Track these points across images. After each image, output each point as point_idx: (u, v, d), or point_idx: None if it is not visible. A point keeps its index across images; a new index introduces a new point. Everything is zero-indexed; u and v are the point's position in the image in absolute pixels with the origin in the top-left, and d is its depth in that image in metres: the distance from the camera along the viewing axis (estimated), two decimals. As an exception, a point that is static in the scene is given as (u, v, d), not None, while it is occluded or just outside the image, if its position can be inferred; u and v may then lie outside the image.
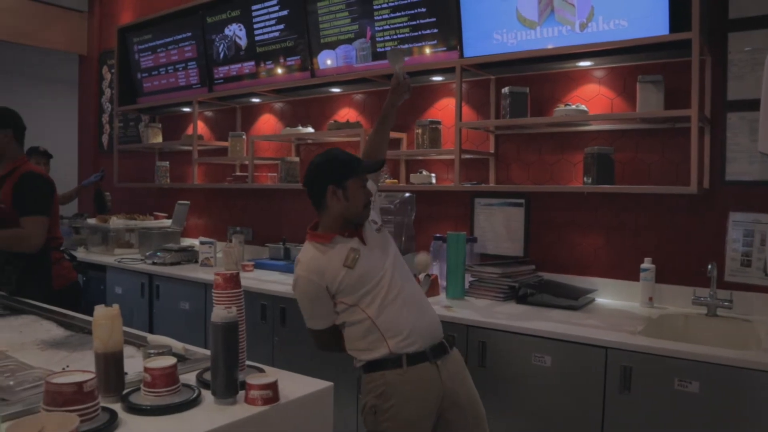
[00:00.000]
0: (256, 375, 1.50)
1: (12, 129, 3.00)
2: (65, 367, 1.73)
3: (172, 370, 1.42)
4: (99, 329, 1.46)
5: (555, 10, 2.92)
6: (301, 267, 2.13)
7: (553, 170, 3.23)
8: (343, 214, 2.15)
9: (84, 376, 1.29)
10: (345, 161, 2.17)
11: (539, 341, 2.42)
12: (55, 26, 5.98)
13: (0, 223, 2.90)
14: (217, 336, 1.41)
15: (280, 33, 3.99)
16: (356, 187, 2.14)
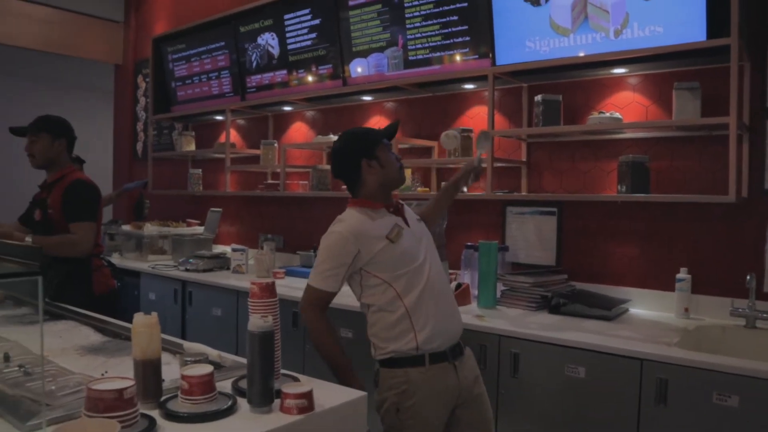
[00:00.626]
0: (291, 384, 1.51)
1: (66, 139, 3.14)
2: (104, 373, 1.77)
3: (209, 378, 1.44)
4: (138, 337, 1.49)
5: (589, 17, 2.90)
6: (342, 225, 2.12)
7: (587, 178, 3.19)
8: (383, 183, 2.18)
9: (124, 383, 1.31)
10: (365, 134, 2.24)
11: (573, 352, 2.39)
12: (92, 36, 6.12)
13: (48, 229, 3.00)
14: (253, 345, 1.42)
15: (312, 42, 4.03)
16: (385, 152, 2.19)
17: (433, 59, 3.46)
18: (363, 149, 2.18)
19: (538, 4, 3.02)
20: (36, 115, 3.17)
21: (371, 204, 2.18)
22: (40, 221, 3.02)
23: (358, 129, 2.33)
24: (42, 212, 3.02)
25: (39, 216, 3.03)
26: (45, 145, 3.07)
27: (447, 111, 3.72)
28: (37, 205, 3.07)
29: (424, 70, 3.50)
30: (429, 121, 3.81)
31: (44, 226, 3.01)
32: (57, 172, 3.10)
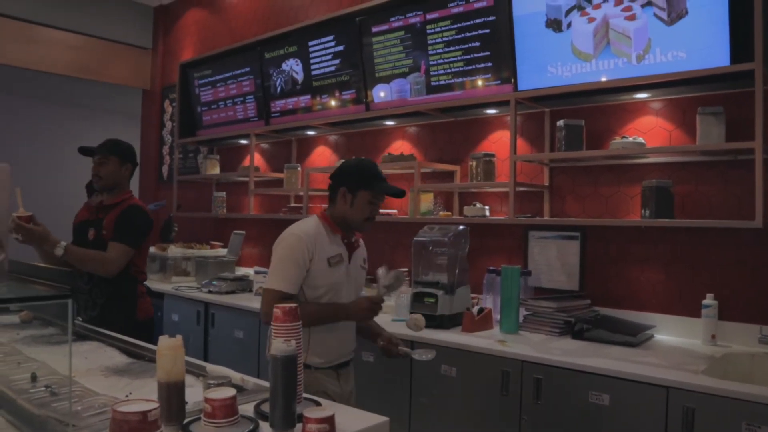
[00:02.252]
0: (313, 408, 1.51)
1: (131, 164, 3.19)
2: (128, 395, 1.78)
3: (231, 402, 1.45)
4: (162, 359, 1.50)
5: (611, 42, 2.91)
6: (301, 229, 2.31)
7: (609, 203, 3.18)
8: (345, 217, 2.36)
9: (148, 405, 1.32)
10: (367, 173, 2.36)
11: (597, 378, 2.36)
12: (121, 62, 6.27)
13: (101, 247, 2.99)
14: (276, 369, 1.43)
15: (336, 67, 4.09)
16: (364, 199, 2.33)
17: (455, 84, 3.49)
18: (350, 181, 2.34)
19: (560, 30, 3.04)
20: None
21: (332, 225, 2.37)
22: (93, 240, 3.01)
23: (369, 166, 2.43)
24: (96, 232, 3.03)
25: (93, 235, 3.03)
26: (113, 168, 3.10)
27: (469, 136, 3.73)
28: (91, 224, 3.06)
29: (447, 96, 3.53)
30: (451, 145, 3.83)
31: (96, 247, 2.99)
32: (117, 196, 3.12)
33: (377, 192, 2.35)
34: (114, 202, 3.10)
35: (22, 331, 2.66)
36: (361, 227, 2.40)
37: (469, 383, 2.73)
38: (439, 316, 3.05)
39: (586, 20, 2.96)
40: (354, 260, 2.43)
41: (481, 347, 2.71)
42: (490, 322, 3.08)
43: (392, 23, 3.71)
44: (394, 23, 3.70)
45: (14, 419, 1.55)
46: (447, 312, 3.06)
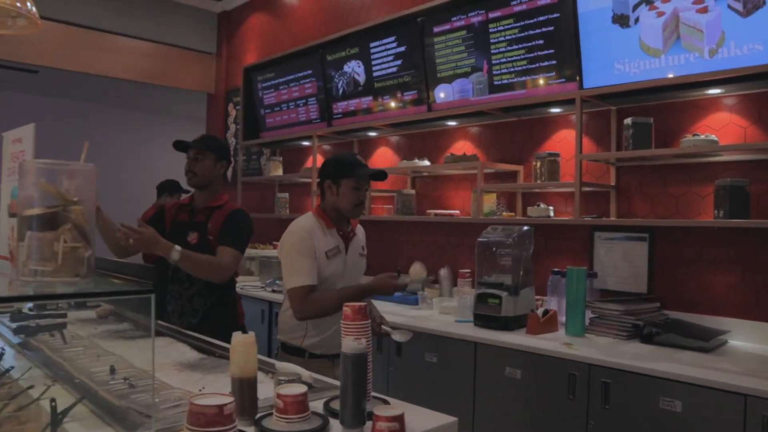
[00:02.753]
0: (382, 407, 1.52)
1: (227, 162, 3.04)
2: (201, 389, 1.84)
3: (303, 398, 1.47)
4: (236, 355, 1.54)
5: (681, 36, 2.81)
6: (301, 226, 2.46)
7: (680, 203, 3.08)
8: (336, 207, 2.51)
9: (224, 399, 1.36)
10: (345, 163, 2.52)
11: (668, 384, 2.29)
12: (187, 68, 6.47)
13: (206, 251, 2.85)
14: (347, 366, 1.45)
15: (397, 68, 4.10)
16: (348, 187, 2.47)
17: (518, 83, 3.45)
18: (332, 173, 2.50)
19: (627, 25, 2.96)
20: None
21: (326, 220, 2.51)
22: (197, 244, 2.86)
23: (348, 156, 2.59)
24: (200, 236, 2.89)
25: (196, 239, 2.88)
26: (209, 165, 2.95)
27: (532, 135, 3.68)
28: (192, 227, 2.92)
29: (510, 95, 3.49)
30: (514, 145, 3.79)
31: (202, 250, 2.82)
32: (216, 198, 2.99)
33: (359, 177, 2.49)
34: (216, 204, 2.96)
35: (99, 326, 2.78)
36: (353, 213, 2.53)
37: (535, 386, 2.69)
38: (503, 317, 3.01)
39: (654, 14, 2.87)
40: (351, 250, 2.58)
41: (546, 349, 2.66)
42: (555, 324, 3.02)
43: (454, 23, 3.70)
44: (456, 23, 3.69)
45: (96, 409, 1.61)
46: (511, 313, 3.02)
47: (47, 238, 1.20)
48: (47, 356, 2.15)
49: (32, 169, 1.26)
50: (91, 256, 1.22)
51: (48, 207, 1.22)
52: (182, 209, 3.03)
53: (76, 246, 1.21)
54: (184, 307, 2.94)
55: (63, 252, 1.20)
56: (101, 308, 2.91)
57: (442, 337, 3.06)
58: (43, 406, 1.57)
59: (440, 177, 4.17)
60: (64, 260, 1.20)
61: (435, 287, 3.94)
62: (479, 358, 2.90)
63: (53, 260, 1.20)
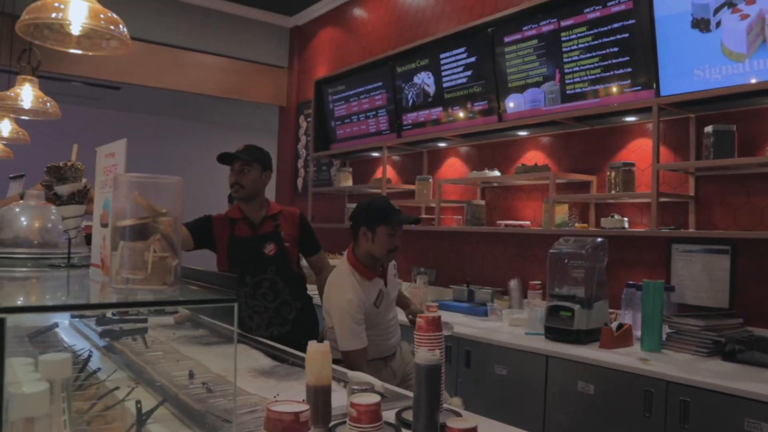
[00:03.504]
0: (456, 419, 1.51)
1: (270, 172, 3.10)
2: (276, 395, 1.88)
3: (376, 408, 1.48)
4: (312, 363, 1.57)
5: (767, 40, 2.70)
6: (350, 292, 2.55)
7: (764, 214, 2.94)
8: (370, 253, 2.62)
9: (300, 407, 1.38)
10: (380, 210, 2.62)
11: (754, 405, 2.18)
12: (260, 81, 6.66)
13: (286, 261, 3.02)
14: (420, 377, 1.45)
15: (468, 79, 4.10)
16: (383, 234, 2.58)
17: (591, 92, 3.39)
18: (368, 220, 2.61)
19: (707, 29, 2.87)
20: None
21: (362, 270, 2.63)
22: (275, 255, 2.96)
23: (382, 203, 2.69)
24: (277, 246, 2.98)
25: (274, 250, 2.96)
26: (256, 176, 2.98)
27: (606, 145, 3.60)
28: (265, 239, 2.98)
29: (583, 104, 3.43)
30: (587, 155, 3.71)
31: (282, 260, 2.98)
32: (269, 206, 3.07)
33: (394, 224, 2.60)
34: (273, 213, 3.05)
35: (177, 331, 2.89)
36: (386, 258, 2.67)
37: (608, 402, 2.62)
38: (576, 330, 2.95)
39: (738, 17, 2.77)
40: (389, 282, 2.75)
41: (621, 364, 2.59)
42: (630, 338, 2.94)
43: (525, 32, 3.67)
44: (527, 32, 3.66)
45: (177, 412, 1.68)
46: (584, 327, 2.96)
47: (138, 247, 1.26)
48: (130, 359, 2.25)
49: (125, 182, 1.33)
50: (178, 265, 1.27)
51: (139, 218, 1.28)
52: (236, 223, 3.03)
53: (164, 255, 1.27)
54: (272, 318, 2.98)
55: (152, 261, 1.25)
56: (179, 314, 3.02)
57: (512, 350, 3.02)
58: (128, 407, 1.64)
59: (511, 188, 4.13)
60: (153, 269, 1.26)
61: (504, 299, 3.89)
62: (550, 372, 2.85)
63: (143, 269, 1.26)
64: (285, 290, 2.97)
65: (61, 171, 1.94)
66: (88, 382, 1.90)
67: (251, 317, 2.99)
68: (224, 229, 3.02)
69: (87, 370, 1.98)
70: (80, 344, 2.43)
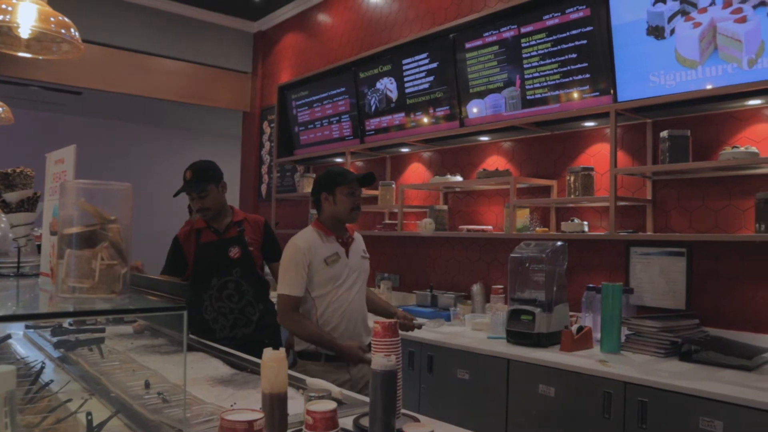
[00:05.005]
0: (412, 424, 1.51)
1: (223, 180, 3.17)
2: (233, 404, 1.85)
3: (332, 414, 1.47)
4: (267, 370, 1.55)
5: (719, 47, 2.77)
6: (299, 239, 2.69)
7: (719, 217, 3.01)
8: (334, 215, 2.72)
9: (254, 415, 1.37)
10: (335, 173, 2.72)
11: (708, 404, 2.23)
12: (223, 87, 6.60)
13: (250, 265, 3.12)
14: (376, 383, 1.45)
15: (430, 84, 4.12)
16: (343, 194, 2.69)
17: (551, 98, 3.43)
18: (327, 185, 2.71)
19: (662, 37, 2.93)
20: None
21: (324, 229, 2.73)
22: (240, 258, 3.08)
23: (336, 168, 2.78)
24: (242, 249, 3.09)
25: (239, 253, 3.08)
26: (215, 194, 3.09)
27: (566, 150, 3.65)
28: (230, 243, 3.09)
29: (543, 109, 3.47)
30: (547, 160, 3.76)
31: (246, 263, 3.10)
32: (233, 213, 3.18)
33: (351, 182, 2.69)
34: (238, 219, 3.16)
35: (135, 341, 2.83)
36: (351, 217, 2.74)
37: (569, 404, 2.65)
38: (536, 334, 2.98)
39: (691, 25, 2.84)
40: (352, 254, 2.78)
41: (581, 367, 2.62)
42: (589, 341, 2.97)
43: (486, 38, 3.70)
44: (488, 38, 3.69)
45: (131, 423, 1.64)
46: (544, 330, 2.99)
47: (85, 255, 1.23)
48: (85, 370, 2.20)
49: (72, 188, 1.30)
50: (127, 273, 1.25)
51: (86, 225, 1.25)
52: (202, 232, 3.14)
53: (112, 263, 1.24)
54: (237, 319, 3.09)
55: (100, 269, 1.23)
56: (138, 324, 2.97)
57: (475, 354, 3.03)
58: (80, 419, 1.60)
59: (473, 192, 4.16)
60: (101, 277, 1.23)
61: (467, 303, 3.91)
62: (512, 375, 2.87)
63: (91, 277, 1.23)
64: (249, 292, 3.09)
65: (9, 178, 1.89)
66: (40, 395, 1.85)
67: (216, 319, 3.08)
68: (190, 240, 3.14)
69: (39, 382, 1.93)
70: (34, 356, 2.38)
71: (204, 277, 3.08)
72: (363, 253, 2.87)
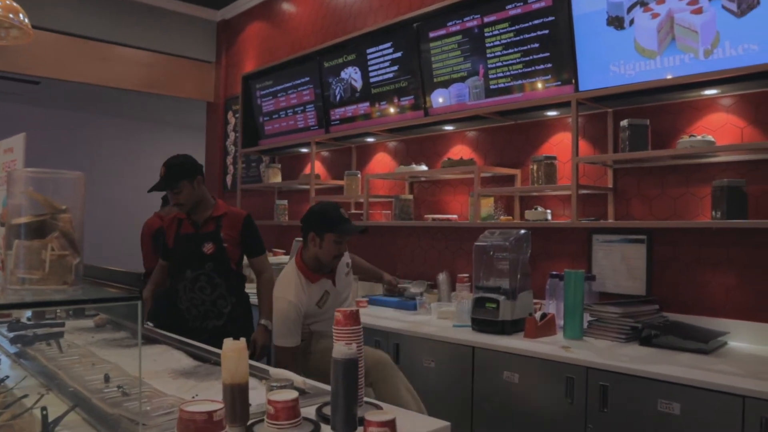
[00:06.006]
0: (374, 412, 1.52)
1: (200, 174, 3.17)
2: (195, 396, 1.84)
3: (294, 404, 1.47)
4: (227, 361, 1.54)
5: (676, 38, 2.81)
6: (289, 293, 2.72)
7: (677, 205, 3.07)
8: (317, 257, 2.75)
9: (214, 406, 1.36)
10: (330, 218, 2.72)
11: (666, 386, 2.27)
12: (186, 76, 6.49)
13: (223, 261, 3.12)
14: (337, 372, 1.44)
15: (394, 74, 4.11)
16: (330, 241, 2.71)
17: (514, 87, 3.45)
18: (317, 226, 2.73)
19: (621, 27, 2.96)
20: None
21: (307, 273, 2.78)
22: (213, 254, 3.09)
23: (332, 210, 2.77)
24: (216, 245, 3.10)
25: (212, 249, 3.09)
26: (189, 191, 3.09)
27: (529, 139, 3.68)
28: (204, 239, 3.10)
29: (506, 99, 3.49)
30: (512, 149, 3.78)
31: (220, 258, 3.11)
32: (214, 208, 3.18)
33: (342, 233, 2.72)
34: (218, 214, 3.15)
35: (96, 335, 2.79)
36: (331, 264, 2.80)
37: (533, 390, 2.68)
38: (501, 321, 3.00)
39: (649, 16, 2.88)
40: (338, 278, 2.88)
41: (544, 353, 2.66)
42: (553, 328, 3.01)
43: (449, 28, 3.71)
44: (452, 27, 3.69)
45: (89, 417, 1.62)
46: (509, 317, 3.01)
47: (35, 246, 1.20)
48: (43, 365, 2.15)
49: (20, 177, 1.27)
50: (80, 263, 1.22)
51: (36, 215, 1.22)
52: (182, 222, 3.19)
53: (63, 254, 1.21)
54: (208, 311, 3.13)
55: (50, 260, 1.20)
56: (99, 317, 2.93)
57: (440, 342, 3.05)
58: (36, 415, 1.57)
59: (438, 182, 4.17)
60: (51, 268, 1.20)
61: (434, 292, 3.93)
62: (477, 363, 2.89)
63: (41, 268, 1.20)
64: (222, 285, 3.12)
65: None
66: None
67: (189, 309, 3.14)
68: (172, 229, 3.22)
69: (-7, 378, 1.89)
70: (-12, 352, 2.32)
71: (179, 268, 3.14)
72: (346, 267, 2.96)
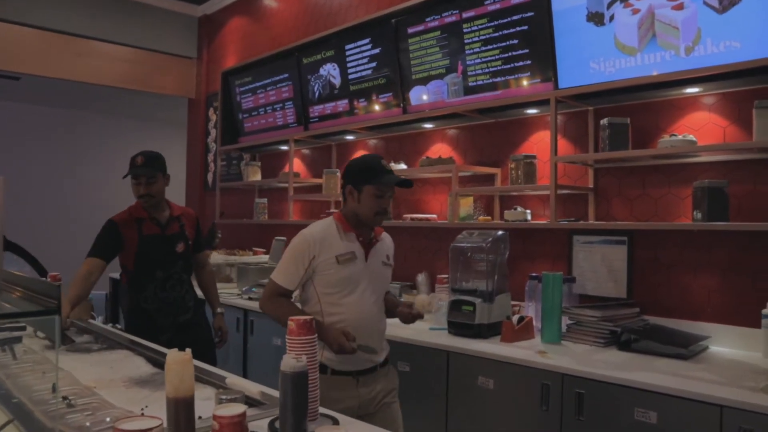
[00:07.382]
0: (327, 427, 1.43)
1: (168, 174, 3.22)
2: (144, 408, 1.74)
3: (240, 419, 1.37)
4: (170, 374, 1.44)
5: (657, 34, 2.74)
6: (312, 228, 2.37)
7: (659, 205, 3.00)
8: (356, 213, 2.36)
9: (150, 423, 1.27)
10: (368, 168, 2.35)
11: (643, 395, 2.20)
12: (167, 72, 6.38)
13: (188, 258, 3.24)
14: (286, 385, 1.36)
15: (373, 71, 4.02)
16: (369, 194, 2.32)
17: (493, 84, 3.37)
18: (355, 179, 2.35)
19: (602, 23, 2.89)
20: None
21: (344, 224, 2.37)
22: (183, 252, 3.19)
23: (372, 161, 2.40)
24: (185, 244, 3.20)
25: (183, 248, 3.18)
26: (161, 185, 3.14)
27: (509, 137, 3.60)
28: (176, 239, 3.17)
29: (485, 96, 3.41)
30: (491, 147, 3.70)
31: (186, 257, 3.21)
32: (172, 207, 3.24)
33: (381, 184, 2.32)
34: (178, 214, 3.24)
35: (57, 339, 2.68)
36: (373, 222, 2.38)
37: (508, 396, 2.60)
38: (477, 324, 2.92)
39: (629, 12, 2.80)
40: (373, 257, 2.41)
41: (520, 358, 2.58)
42: (531, 331, 2.94)
43: (428, 23, 3.62)
44: (430, 23, 3.61)
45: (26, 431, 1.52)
46: (485, 321, 2.94)
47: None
48: (-9, 374, 2.05)
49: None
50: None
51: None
52: (143, 222, 3.12)
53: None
54: (179, 307, 3.17)
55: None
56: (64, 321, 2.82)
57: (415, 346, 2.96)
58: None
59: (417, 181, 4.08)
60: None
61: (413, 293, 3.84)
62: (452, 368, 2.81)
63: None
64: (187, 281, 3.23)
65: None
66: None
67: (160, 309, 3.12)
68: (131, 230, 3.10)
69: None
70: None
71: (148, 269, 3.11)
72: (386, 259, 2.49)
